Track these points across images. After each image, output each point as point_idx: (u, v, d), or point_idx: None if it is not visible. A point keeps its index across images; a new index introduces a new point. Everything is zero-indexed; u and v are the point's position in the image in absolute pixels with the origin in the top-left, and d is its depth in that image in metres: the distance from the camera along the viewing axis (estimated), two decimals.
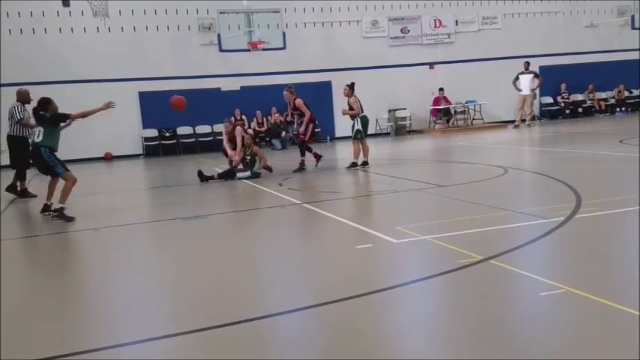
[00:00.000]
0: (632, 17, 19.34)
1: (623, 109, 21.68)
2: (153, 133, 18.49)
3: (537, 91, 19.67)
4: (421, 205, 7.75)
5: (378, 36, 19.88)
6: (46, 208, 8.08)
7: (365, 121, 11.55)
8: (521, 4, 20.78)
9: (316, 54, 19.42)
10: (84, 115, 8.12)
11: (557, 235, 5.32)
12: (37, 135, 7.79)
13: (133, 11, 17.96)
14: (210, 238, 6.54)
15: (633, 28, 19.80)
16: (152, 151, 18.31)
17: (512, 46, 20.48)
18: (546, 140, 15.61)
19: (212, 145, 17.62)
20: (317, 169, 11.74)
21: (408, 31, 20.21)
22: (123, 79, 17.56)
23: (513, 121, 19.40)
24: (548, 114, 21.52)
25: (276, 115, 18.58)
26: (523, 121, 19.11)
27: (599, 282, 4.07)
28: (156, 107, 17.69)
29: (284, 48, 17.83)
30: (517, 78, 19.00)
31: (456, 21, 20.52)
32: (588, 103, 21.79)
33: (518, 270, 4.34)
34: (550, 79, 20.50)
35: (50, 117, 7.87)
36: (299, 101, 11.65)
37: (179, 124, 18.43)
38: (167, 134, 18.50)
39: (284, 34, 17.64)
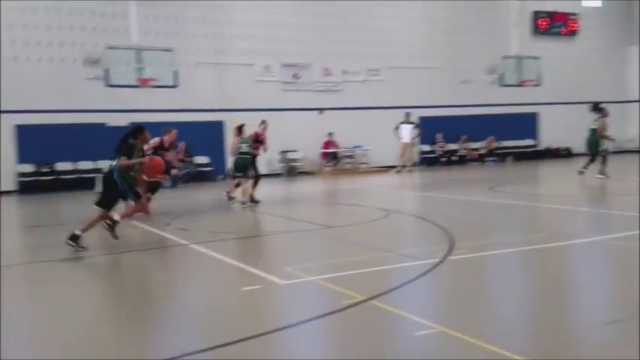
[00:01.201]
0: (500, 75, 21.41)
1: (493, 158, 23.69)
2: (29, 168, 17.39)
3: (416, 140, 21.08)
4: (309, 245, 7.96)
5: (270, 80, 20.35)
6: None
7: (238, 163, 11.90)
8: (403, 59, 22.28)
9: (209, 94, 19.45)
10: None
11: (432, 276, 5.71)
12: None
13: (14, 41, 17.09)
14: (84, 282, 6.26)
15: (502, 85, 21.88)
16: (27, 187, 17.16)
17: (395, 97, 21.81)
18: (424, 185, 16.64)
19: (94, 182, 16.83)
20: (204, 209, 11.63)
21: (300, 77, 20.91)
22: None
23: (396, 167, 20.50)
24: (426, 161, 22.98)
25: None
26: (404, 167, 20.27)
27: (470, 321, 4.42)
28: (34, 141, 16.63)
29: (175, 86, 17.70)
30: (398, 127, 20.24)
31: (344, 71, 21.55)
32: (462, 152, 23.59)
33: (396, 310, 4.61)
34: (428, 128, 22.04)
35: None
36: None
37: (58, 159, 17.52)
38: (44, 170, 17.48)
39: (176, 72, 17.53)
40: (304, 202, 12.91)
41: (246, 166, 11.87)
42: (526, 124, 24.82)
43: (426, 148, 23.14)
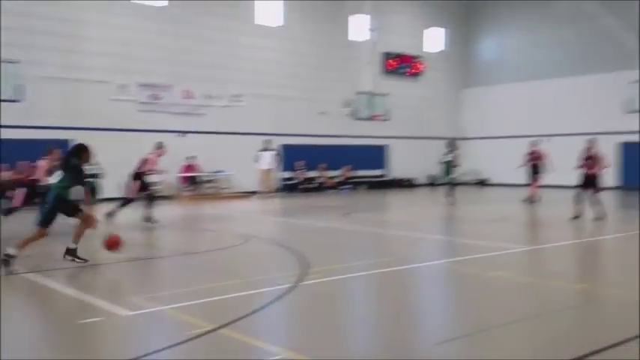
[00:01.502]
0: (354, 109, 22.68)
1: (348, 186, 24.81)
2: None
3: (277, 167, 21.46)
4: (162, 273, 7.72)
5: (126, 99, 19.54)
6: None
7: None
8: (265, 87, 22.72)
9: (56, 110, 18.20)
10: None
11: (283, 302, 5.83)
12: None
13: None
14: None
15: (356, 118, 23.17)
16: None
17: (257, 124, 22.11)
18: (283, 211, 16.95)
19: None
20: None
21: (159, 98, 20.36)
22: None
23: (257, 192, 20.64)
24: (287, 188, 23.45)
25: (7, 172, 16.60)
26: (266, 193, 20.48)
27: (318, 345, 4.59)
28: None
29: (18, 101, 16.33)
30: (259, 154, 20.47)
31: (206, 95, 21.41)
32: (320, 180, 24.43)
33: (245, 338, 4.64)
34: (289, 156, 22.59)
35: None
36: None
37: None
38: None
39: (20, 86, 16.20)
40: (161, 227, 12.49)
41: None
42: (377, 155, 26.47)
43: (287, 175, 23.62)
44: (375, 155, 26.39)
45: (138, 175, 12.61)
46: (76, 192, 8.00)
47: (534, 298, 6.14)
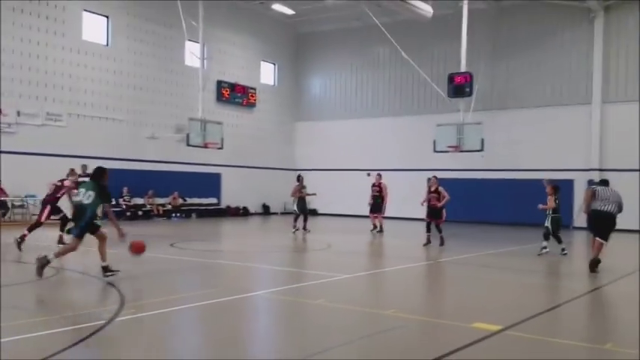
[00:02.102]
0: (188, 135, 22.17)
1: (178, 214, 24.05)
2: None
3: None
4: None
5: None
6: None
7: None
8: (87, 107, 21.32)
9: None
10: None
11: (94, 340, 5.37)
12: None
13: None
14: None
15: (188, 144, 22.60)
16: None
17: (78, 146, 20.54)
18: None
19: None
20: None
21: None
22: None
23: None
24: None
25: None
26: None
27: None
28: None
29: None
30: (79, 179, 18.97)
31: (18, 112, 19.45)
32: (148, 207, 23.36)
33: None
34: (114, 182, 21.14)
35: None
36: None
37: None
38: None
39: None
40: None
41: None
42: (210, 183, 26.13)
43: (112, 202, 22.20)
44: (207, 183, 26.02)
45: None
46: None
47: (352, 324, 6.42)
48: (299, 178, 19.10)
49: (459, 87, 20.81)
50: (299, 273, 10.41)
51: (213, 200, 26.23)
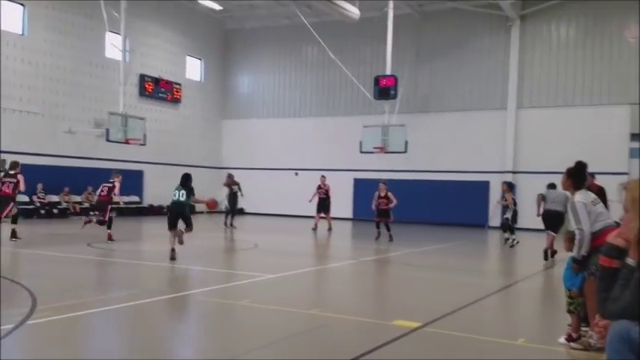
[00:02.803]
0: (107, 130, 21.29)
1: (96, 212, 23.05)
2: None
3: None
4: None
5: None
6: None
7: None
8: (1, 99, 20.04)
9: None
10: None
11: (4, 345, 5.08)
12: None
13: None
14: None
15: (108, 140, 21.69)
16: None
17: None
18: (17, 241, 14.95)
19: None
20: None
21: None
22: None
23: None
24: (24, 213, 20.81)
25: None
26: None
27: None
28: None
29: None
30: None
31: None
32: (64, 204, 22.29)
33: None
34: (28, 177, 19.99)
35: None
36: None
37: None
38: None
39: None
40: None
41: None
42: (131, 180, 25.23)
43: (25, 198, 20.97)
44: (129, 181, 25.07)
45: None
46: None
47: (276, 325, 6.42)
48: (230, 177, 19.74)
49: (385, 89, 21.25)
50: (224, 273, 10.29)
51: (135, 198, 25.37)
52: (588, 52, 23.07)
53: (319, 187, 19.40)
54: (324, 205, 19.24)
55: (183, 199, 11.38)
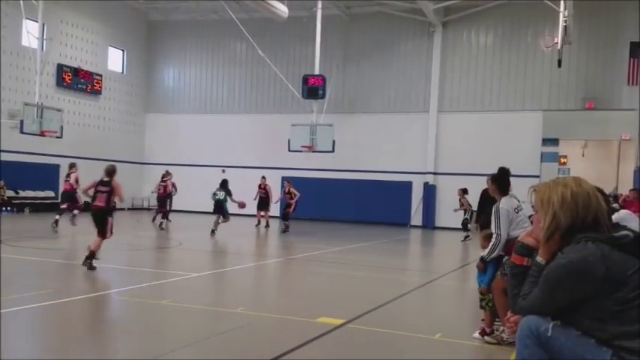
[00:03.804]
0: (22, 122, 20.12)
1: (9, 208, 21.82)
2: None
3: None
4: None
5: None
6: None
7: None
8: None
9: None
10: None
11: None
12: None
13: None
14: None
15: (22, 132, 20.50)
16: None
17: None
18: None
19: None
20: None
21: None
22: None
23: None
24: None
25: None
26: None
27: None
28: None
29: None
30: None
31: None
32: None
33: None
34: None
35: None
36: None
37: None
38: None
39: None
40: None
41: None
42: (47, 175, 24.02)
43: None
44: (44, 175, 23.90)
45: None
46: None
47: (199, 324, 6.34)
48: (167, 174, 20.46)
49: (313, 89, 21.39)
50: (146, 272, 10.03)
51: (50, 194, 24.15)
52: (505, 60, 24.27)
53: (259, 187, 20.78)
54: (263, 203, 20.59)
55: (222, 197, 15.95)
